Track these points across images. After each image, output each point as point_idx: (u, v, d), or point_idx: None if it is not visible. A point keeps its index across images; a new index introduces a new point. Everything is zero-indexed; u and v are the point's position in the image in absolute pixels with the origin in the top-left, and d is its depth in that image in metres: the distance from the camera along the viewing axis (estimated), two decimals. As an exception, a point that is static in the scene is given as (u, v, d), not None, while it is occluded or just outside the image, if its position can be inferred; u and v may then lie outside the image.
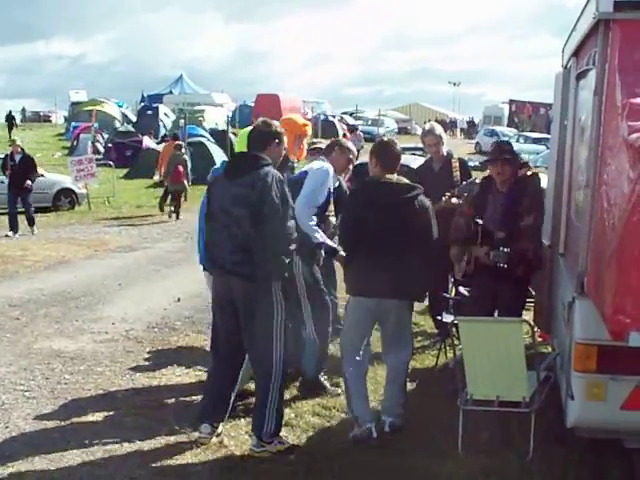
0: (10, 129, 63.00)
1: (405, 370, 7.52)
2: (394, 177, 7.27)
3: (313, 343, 8.31)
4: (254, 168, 6.79)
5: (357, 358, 7.38)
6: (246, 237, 6.73)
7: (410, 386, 8.53)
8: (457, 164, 9.98)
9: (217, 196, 7.03)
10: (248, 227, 6.69)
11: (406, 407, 7.43)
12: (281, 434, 7.12)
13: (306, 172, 8.19)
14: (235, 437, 7.26)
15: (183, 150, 26.96)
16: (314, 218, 7.88)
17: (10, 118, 64.99)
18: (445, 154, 10.09)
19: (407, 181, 7.35)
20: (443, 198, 9.16)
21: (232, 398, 7.37)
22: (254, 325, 6.93)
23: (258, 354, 7.04)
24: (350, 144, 8.97)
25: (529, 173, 9.38)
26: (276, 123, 7.31)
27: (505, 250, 7.73)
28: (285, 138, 7.29)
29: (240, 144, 8.06)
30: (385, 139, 8.00)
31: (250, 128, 7.75)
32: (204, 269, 7.93)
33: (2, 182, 26.08)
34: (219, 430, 7.27)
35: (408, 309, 7.49)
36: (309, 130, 9.18)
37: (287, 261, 6.91)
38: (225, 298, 7.07)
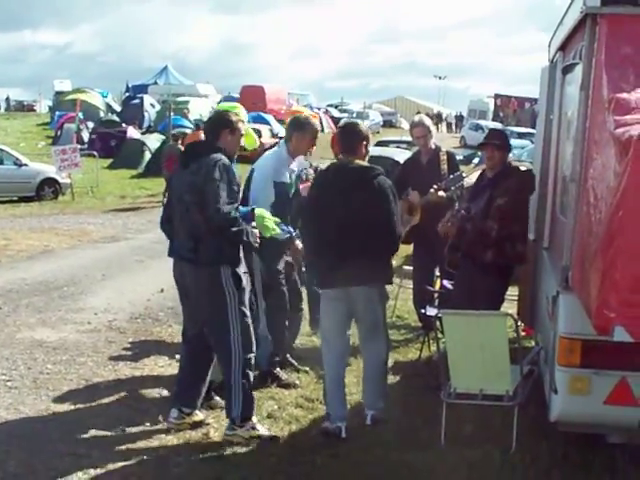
0: None
1: (383, 362, 7.46)
2: (355, 161, 7.21)
3: (265, 341, 8.31)
4: (202, 156, 6.85)
5: (335, 353, 7.38)
6: (196, 223, 6.79)
7: (393, 379, 8.56)
8: (445, 157, 9.95)
9: (174, 186, 7.17)
10: (197, 213, 6.74)
11: (387, 399, 7.43)
12: (262, 425, 7.16)
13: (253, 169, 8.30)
14: (218, 429, 7.24)
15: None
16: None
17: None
18: (433, 147, 10.07)
19: (367, 164, 7.29)
20: (430, 191, 9.14)
21: (204, 384, 7.39)
22: (208, 312, 7.02)
23: (216, 340, 7.07)
24: (312, 120, 8.66)
25: (523, 168, 9.34)
26: (231, 114, 7.30)
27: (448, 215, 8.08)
28: (241, 127, 7.20)
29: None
30: (345, 123, 7.90)
31: (225, 103, 7.80)
32: None
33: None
34: (195, 418, 7.31)
35: (379, 297, 7.35)
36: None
37: (233, 246, 6.89)
38: (182, 285, 7.17)
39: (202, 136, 8.09)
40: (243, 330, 6.96)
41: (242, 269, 7.04)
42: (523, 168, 9.17)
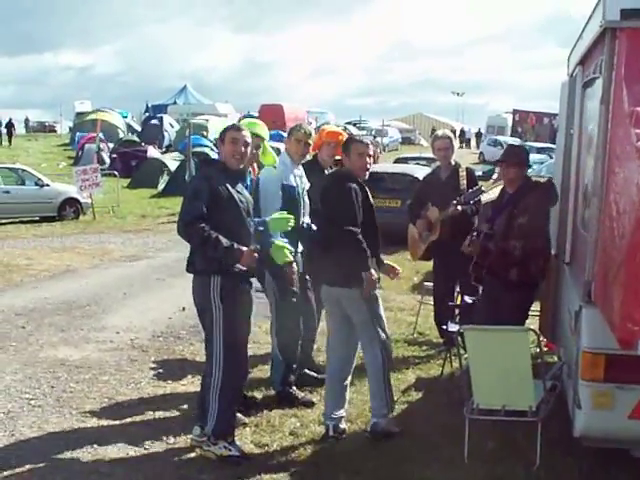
0: (10, 136, 63.42)
1: (381, 366, 7.41)
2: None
3: (277, 359, 8.38)
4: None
5: (335, 354, 7.53)
6: None
7: (416, 395, 8.56)
8: (464, 173, 9.96)
9: None
10: None
11: (392, 407, 7.51)
12: (235, 446, 7.07)
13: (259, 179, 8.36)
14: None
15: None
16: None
17: (9, 125, 65.25)
18: (453, 163, 10.07)
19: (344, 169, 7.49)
20: (450, 207, 9.15)
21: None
22: (200, 320, 7.22)
23: (206, 350, 7.21)
24: (304, 125, 8.84)
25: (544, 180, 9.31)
26: (244, 130, 7.25)
27: (473, 238, 8.13)
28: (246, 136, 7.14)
29: None
30: (350, 135, 8.09)
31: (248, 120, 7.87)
32: None
33: (7, 192, 26.28)
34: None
35: (362, 299, 7.27)
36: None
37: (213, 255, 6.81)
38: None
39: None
40: (227, 346, 6.92)
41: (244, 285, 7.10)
42: (544, 180, 9.14)
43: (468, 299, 9.21)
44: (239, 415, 7.71)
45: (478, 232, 8.29)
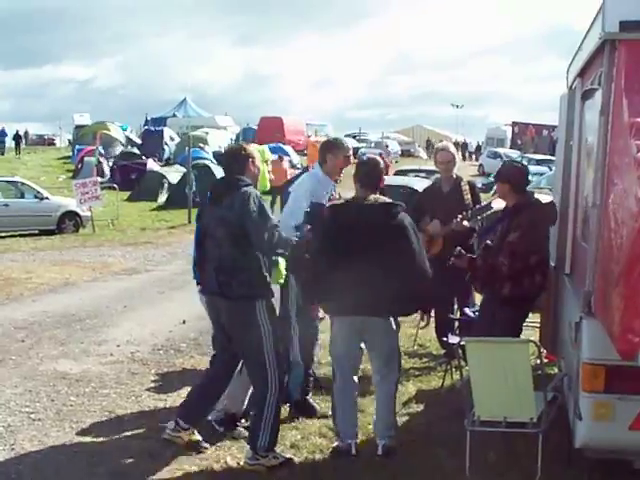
0: (17, 147, 64.22)
1: (394, 392, 7.47)
2: (372, 197, 7.23)
3: (298, 366, 8.31)
4: (234, 189, 6.95)
5: (347, 372, 7.41)
6: (229, 257, 6.92)
7: (417, 407, 8.56)
8: (467, 187, 9.95)
9: (204, 222, 7.26)
10: (229, 247, 6.89)
11: (397, 427, 7.46)
12: (284, 453, 7.20)
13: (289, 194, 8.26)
14: (241, 458, 7.22)
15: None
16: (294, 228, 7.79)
17: (17, 137, 66.07)
18: (455, 177, 10.08)
19: (386, 199, 7.29)
20: (454, 220, 9.14)
21: (210, 408, 7.57)
22: (244, 346, 7.11)
23: (253, 373, 7.18)
24: (344, 140, 8.79)
25: (546, 199, 9.26)
26: (247, 145, 7.47)
27: (458, 249, 8.10)
28: (257, 157, 7.32)
29: None
30: (365, 159, 7.93)
31: (257, 146, 7.87)
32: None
33: (6, 205, 26.30)
34: (192, 437, 7.36)
35: (392, 327, 7.36)
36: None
37: (268, 278, 7.04)
38: (214, 318, 7.32)
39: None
40: (278, 364, 7.07)
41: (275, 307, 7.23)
42: (547, 199, 9.09)
43: (468, 311, 9.21)
44: (241, 429, 7.73)
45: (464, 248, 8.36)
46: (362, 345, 7.47)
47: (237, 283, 6.90)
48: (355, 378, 7.49)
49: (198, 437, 7.43)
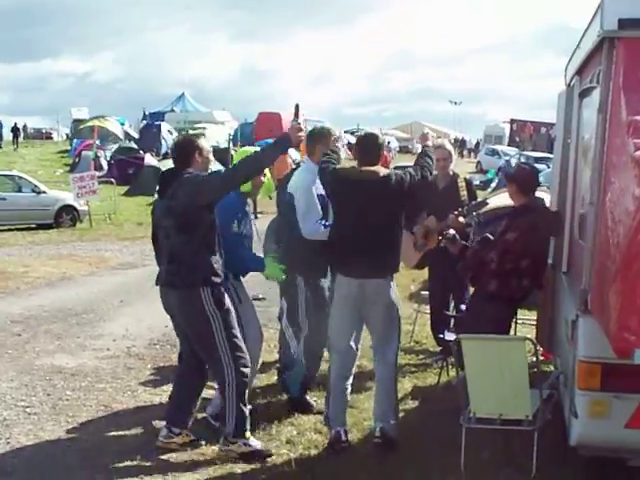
0: (15, 139, 64.29)
1: (392, 372, 7.46)
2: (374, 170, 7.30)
3: (300, 365, 8.30)
4: (176, 180, 7.01)
5: (340, 359, 7.46)
6: (176, 247, 6.99)
7: (412, 404, 8.56)
8: (463, 184, 9.97)
9: (155, 216, 7.30)
10: (176, 236, 6.96)
11: (398, 415, 7.48)
12: (255, 440, 7.25)
13: (291, 194, 8.11)
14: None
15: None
16: (321, 227, 7.81)
17: (15, 130, 66.10)
18: (451, 173, 10.09)
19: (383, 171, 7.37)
20: (450, 216, 9.13)
21: (194, 406, 7.56)
22: (195, 336, 7.17)
23: (209, 363, 7.25)
24: (331, 128, 8.68)
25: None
26: (197, 138, 7.56)
27: (452, 233, 8.32)
28: (206, 149, 7.36)
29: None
30: (364, 133, 7.94)
31: (247, 148, 7.89)
32: None
33: (3, 199, 26.26)
34: (185, 439, 7.39)
35: (394, 296, 7.41)
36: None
37: (215, 265, 7.01)
38: (167, 311, 7.35)
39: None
40: (233, 348, 7.05)
41: (225, 296, 7.16)
42: (543, 196, 9.09)
43: (464, 308, 9.21)
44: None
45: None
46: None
47: (184, 271, 6.95)
48: (349, 363, 7.51)
49: (192, 437, 7.45)
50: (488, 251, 7.77)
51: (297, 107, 7.29)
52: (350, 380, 7.57)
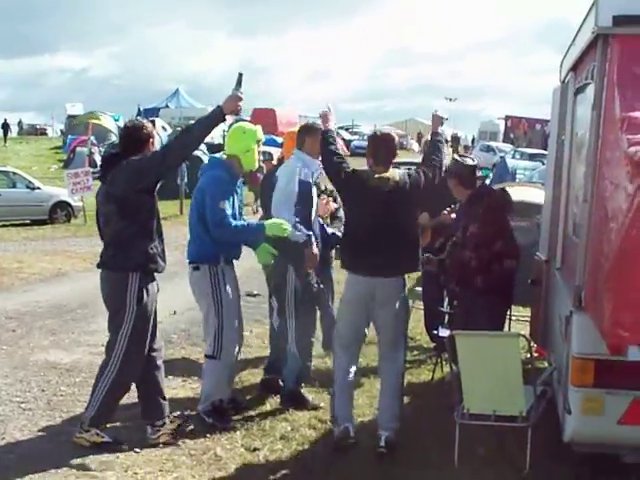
0: (5, 136, 64.14)
1: (399, 378, 7.42)
2: (395, 175, 7.25)
3: (294, 357, 8.29)
4: (115, 166, 6.99)
5: (347, 357, 7.41)
6: (114, 231, 7.04)
7: (406, 400, 8.52)
8: (457, 180, 9.98)
9: (97, 201, 7.32)
10: (115, 221, 6.98)
11: (402, 420, 7.38)
12: (105, 434, 7.24)
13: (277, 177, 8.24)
14: (231, 450, 7.25)
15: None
16: (294, 217, 7.86)
17: (5, 126, 65.94)
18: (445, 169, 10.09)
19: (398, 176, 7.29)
20: (444, 213, 9.15)
21: (161, 394, 7.54)
22: (110, 314, 7.21)
23: (107, 345, 7.26)
24: (317, 123, 8.75)
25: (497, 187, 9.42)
26: (146, 123, 7.42)
27: (426, 255, 8.30)
28: (152, 135, 7.32)
29: (229, 143, 8.04)
30: (379, 133, 7.83)
31: (236, 126, 7.92)
32: None
33: (-2, 194, 26.25)
34: (171, 426, 7.44)
35: (404, 300, 7.40)
36: None
37: (151, 251, 7.04)
38: (102, 295, 7.34)
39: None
40: (129, 351, 7.07)
41: (151, 292, 7.19)
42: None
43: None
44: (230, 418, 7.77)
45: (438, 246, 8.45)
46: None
47: (118, 255, 6.98)
48: (355, 361, 7.51)
49: (179, 421, 7.54)
50: (462, 252, 7.81)
51: (240, 75, 7.18)
52: (354, 375, 7.55)
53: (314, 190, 8.19)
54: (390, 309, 7.25)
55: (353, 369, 7.48)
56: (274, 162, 9.18)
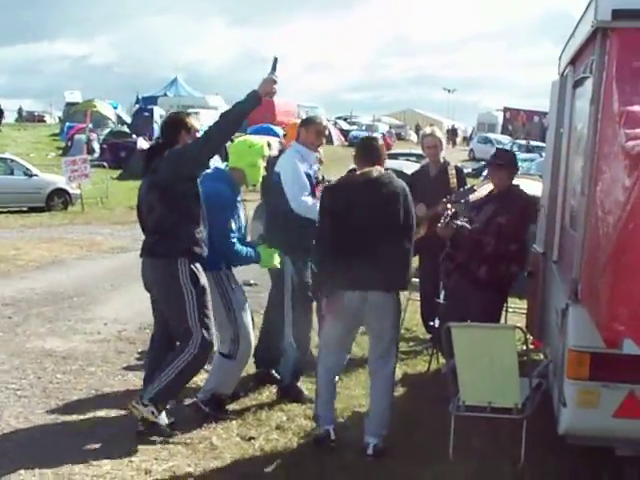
0: None
1: (390, 385, 7.28)
2: (369, 169, 7.11)
3: (291, 349, 8.29)
4: (158, 156, 7.09)
5: (330, 362, 7.30)
6: (159, 219, 7.06)
7: (402, 391, 8.59)
8: (454, 172, 10.00)
9: (140, 191, 7.38)
10: (159, 209, 7.02)
11: (390, 426, 7.21)
12: (165, 417, 7.29)
13: (278, 174, 8.19)
14: (227, 439, 7.26)
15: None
16: (310, 199, 7.96)
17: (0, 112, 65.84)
18: (442, 161, 10.12)
19: (382, 171, 7.17)
20: (441, 204, 9.15)
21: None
22: (168, 304, 7.22)
23: (179, 333, 7.22)
24: (319, 117, 8.85)
25: (528, 193, 9.41)
26: (186, 115, 7.53)
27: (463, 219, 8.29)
28: (194, 127, 7.34)
29: (234, 156, 8.01)
30: (361, 138, 7.93)
31: (242, 139, 7.94)
32: None
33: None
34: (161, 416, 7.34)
35: (393, 304, 7.18)
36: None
37: (197, 236, 7.06)
38: (145, 283, 7.43)
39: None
40: (203, 326, 7.08)
41: (202, 275, 7.19)
42: (528, 193, 9.14)
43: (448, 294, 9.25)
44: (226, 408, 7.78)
45: (453, 215, 8.39)
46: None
47: (165, 241, 7.00)
48: (338, 366, 7.43)
49: (171, 419, 7.46)
50: (482, 234, 7.84)
51: (275, 60, 7.27)
52: (337, 377, 7.50)
53: (313, 182, 8.20)
54: (384, 321, 7.12)
55: (337, 371, 7.45)
56: (275, 152, 9.13)
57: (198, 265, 7.13)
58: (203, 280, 7.15)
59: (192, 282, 7.03)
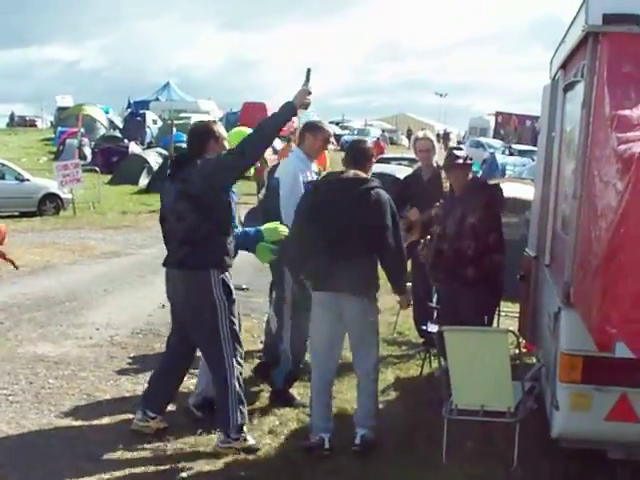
0: None
1: (373, 378, 7.31)
2: (352, 172, 7.20)
3: (286, 358, 8.29)
4: (188, 164, 7.02)
5: (322, 366, 7.32)
6: (191, 229, 6.94)
7: (395, 395, 8.58)
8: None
9: (164, 199, 7.26)
10: (190, 219, 6.92)
11: (378, 418, 7.30)
12: (262, 439, 7.27)
13: (277, 180, 8.20)
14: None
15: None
16: None
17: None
18: (435, 165, 10.13)
19: (364, 175, 7.24)
20: (434, 208, 9.17)
21: (173, 394, 7.64)
22: (198, 320, 7.09)
23: (207, 350, 7.20)
24: (325, 124, 8.75)
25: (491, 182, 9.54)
26: (213, 123, 7.49)
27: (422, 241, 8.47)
28: (222, 135, 7.33)
29: (229, 145, 8.03)
30: (351, 141, 7.97)
31: (238, 129, 7.88)
32: None
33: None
34: (159, 425, 7.41)
35: (371, 309, 7.24)
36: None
37: (228, 246, 7.05)
38: (171, 294, 7.31)
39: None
40: (234, 339, 7.06)
41: (232, 284, 7.16)
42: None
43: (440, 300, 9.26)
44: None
45: (431, 236, 8.45)
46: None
47: (198, 252, 6.92)
48: (331, 370, 7.40)
49: (165, 424, 7.47)
50: (458, 240, 7.89)
51: (309, 71, 7.27)
52: (332, 385, 7.50)
53: None
54: (356, 309, 7.17)
55: (330, 379, 7.42)
56: (276, 157, 9.16)
57: (227, 275, 7.10)
58: (232, 287, 7.14)
59: (225, 293, 7.00)
